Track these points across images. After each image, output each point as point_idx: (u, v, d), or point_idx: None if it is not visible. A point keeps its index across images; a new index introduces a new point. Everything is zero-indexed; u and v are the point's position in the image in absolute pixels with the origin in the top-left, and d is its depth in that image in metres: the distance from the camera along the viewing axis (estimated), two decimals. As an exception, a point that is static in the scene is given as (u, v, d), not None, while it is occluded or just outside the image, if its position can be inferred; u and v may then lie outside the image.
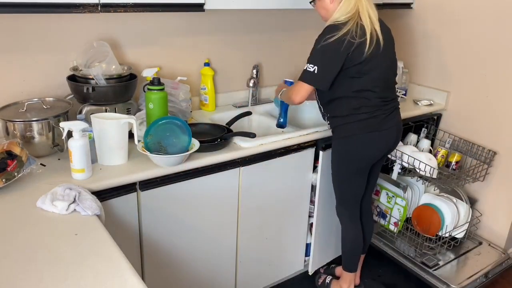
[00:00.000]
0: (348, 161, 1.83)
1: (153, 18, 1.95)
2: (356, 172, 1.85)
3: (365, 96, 1.71)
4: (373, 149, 1.80)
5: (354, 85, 1.69)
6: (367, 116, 1.73)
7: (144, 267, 1.65)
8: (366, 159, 1.82)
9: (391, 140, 1.83)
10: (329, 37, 1.59)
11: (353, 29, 1.60)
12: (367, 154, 1.80)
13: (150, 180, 1.54)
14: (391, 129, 1.80)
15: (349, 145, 1.79)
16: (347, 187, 1.90)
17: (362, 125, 1.74)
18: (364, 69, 1.66)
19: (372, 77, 1.69)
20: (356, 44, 1.60)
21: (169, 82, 1.89)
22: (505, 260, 2.28)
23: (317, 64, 1.62)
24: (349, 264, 2.06)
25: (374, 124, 1.74)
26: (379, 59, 1.68)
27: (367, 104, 1.72)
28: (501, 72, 2.25)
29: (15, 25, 1.64)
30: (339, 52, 1.60)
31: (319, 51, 1.62)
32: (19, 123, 1.50)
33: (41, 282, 0.96)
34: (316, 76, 1.63)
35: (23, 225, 1.17)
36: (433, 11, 2.50)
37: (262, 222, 1.98)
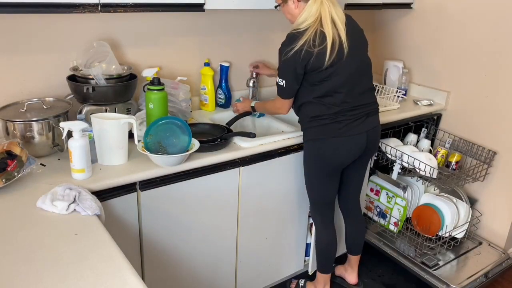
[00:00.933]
0: (314, 165, 1.83)
1: (153, 18, 1.95)
2: (324, 176, 1.84)
3: (327, 102, 1.70)
4: (338, 154, 1.77)
5: (315, 91, 1.70)
6: (329, 121, 1.72)
7: (144, 267, 1.65)
8: (331, 164, 1.80)
9: (360, 146, 1.79)
10: (288, 50, 1.62)
11: (311, 38, 1.60)
12: (331, 159, 1.78)
13: (150, 180, 1.54)
14: (360, 136, 1.76)
15: (314, 149, 1.79)
16: (316, 190, 1.90)
17: (325, 130, 1.73)
18: (324, 76, 1.65)
19: (333, 83, 1.67)
20: (314, 53, 1.60)
21: (169, 82, 1.89)
22: (505, 260, 2.28)
23: (284, 78, 1.70)
24: (322, 265, 2.06)
25: (337, 130, 1.72)
26: (342, 65, 1.66)
27: (329, 109, 1.71)
28: (501, 72, 2.25)
29: (15, 25, 1.64)
30: (298, 64, 1.63)
31: (283, 65, 1.68)
32: (19, 123, 1.50)
33: (41, 282, 0.96)
34: (285, 89, 1.72)
35: (23, 225, 1.17)
36: (433, 11, 2.50)
37: (262, 222, 1.98)
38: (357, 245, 2.16)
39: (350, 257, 2.20)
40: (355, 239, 2.14)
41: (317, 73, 1.65)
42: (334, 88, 1.68)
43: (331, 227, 1.99)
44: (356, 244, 2.15)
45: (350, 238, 2.15)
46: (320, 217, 1.96)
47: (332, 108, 1.70)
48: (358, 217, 2.12)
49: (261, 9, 2.20)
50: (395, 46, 2.74)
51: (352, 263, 2.20)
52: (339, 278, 2.27)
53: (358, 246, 2.16)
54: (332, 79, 1.66)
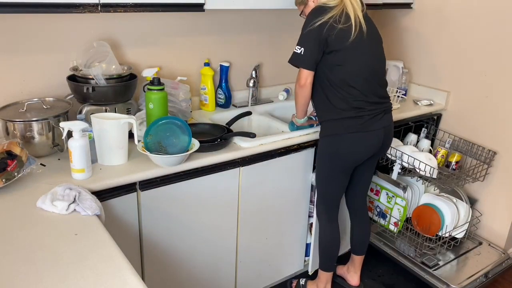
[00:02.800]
0: (330, 161, 1.82)
1: (153, 18, 1.95)
2: (338, 172, 1.84)
3: (349, 92, 1.70)
4: (357, 150, 1.77)
5: (334, 75, 1.69)
6: (351, 115, 1.71)
7: (144, 267, 1.65)
8: (348, 160, 1.80)
9: (377, 143, 1.79)
10: (315, 21, 1.64)
11: (337, 15, 1.65)
12: (349, 155, 1.78)
13: (150, 180, 1.54)
14: (378, 132, 1.77)
15: (333, 144, 1.78)
16: (327, 186, 1.89)
17: (346, 124, 1.73)
18: (344, 57, 1.67)
19: (353, 69, 1.68)
20: (338, 28, 1.64)
21: (169, 82, 1.89)
22: (505, 260, 2.28)
23: (303, 46, 1.68)
24: (324, 263, 2.05)
25: (358, 125, 1.72)
26: (361, 51, 1.69)
27: (352, 103, 1.70)
28: (501, 72, 2.25)
29: (15, 25, 1.64)
30: (321, 34, 1.64)
31: (305, 34, 1.68)
32: (19, 123, 1.50)
33: (41, 282, 0.96)
34: (302, 57, 1.69)
35: (23, 225, 1.17)
36: (433, 11, 2.50)
37: (262, 222, 1.98)
38: (363, 245, 2.15)
39: (354, 257, 2.19)
40: (361, 239, 2.14)
41: (337, 51, 1.66)
42: (354, 75, 1.68)
43: (335, 224, 1.98)
44: (362, 244, 2.15)
45: (356, 238, 2.14)
46: (325, 213, 1.96)
47: (355, 100, 1.70)
48: (365, 217, 2.12)
49: (261, 9, 2.20)
50: (395, 46, 2.74)
51: (355, 264, 2.20)
52: (340, 278, 2.26)
53: (364, 246, 2.16)
54: (352, 63, 1.68)
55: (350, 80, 1.69)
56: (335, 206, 1.95)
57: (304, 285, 2.19)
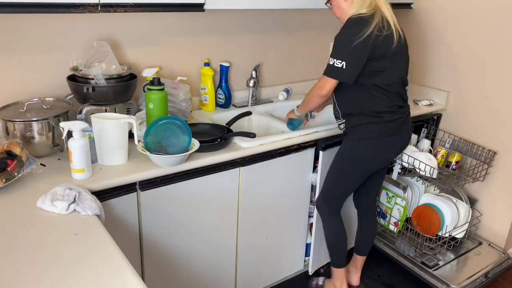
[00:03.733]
0: (357, 164, 1.81)
1: (153, 18, 1.95)
2: (358, 176, 1.84)
3: (386, 95, 1.70)
4: (388, 153, 1.79)
5: (375, 80, 1.67)
6: (388, 118, 1.71)
7: (144, 267, 1.65)
8: (376, 164, 1.81)
9: (403, 145, 1.84)
10: (360, 35, 1.59)
11: (379, 22, 1.62)
12: (380, 158, 1.79)
13: (150, 180, 1.54)
14: (406, 134, 1.80)
15: (364, 148, 1.77)
16: (340, 186, 1.89)
17: (382, 128, 1.72)
18: (385, 63, 1.66)
19: (392, 74, 1.69)
20: (383, 37, 1.62)
21: (169, 82, 1.89)
22: (505, 260, 2.28)
23: (345, 60, 1.62)
24: (335, 259, 2.04)
25: (393, 128, 1.73)
26: (399, 56, 1.69)
27: (387, 105, 1.71)
28: (501, 72, 2.25)
29: (15, 25, 1.64)
30: (367, 47, 1.60)
31: (348, 47, 1.61)
32: (19, 123, 1.50)
33: (41, 282, 0.96)
34: (344, 72, 1.64)
35: (23, 225, 1.17)
36: (433, 11, 2.50)
37: (262, 222, 1.98)
38: (367, 246, 2.15)
39: (356, 257, 2.19)
40: (367, 240, 2.13)
41: (380, 59, 1.64)
42: (392, 79, 1.69)
43: (339, 218, 1.97)
44: (367, 245, 2.14)
45: (361, 238, 2.14)
46: (328, 210, 1.95)
47: (391, 102, 1.71)
48: (373, 218, 2.13)
49: (261, 9, 2.20)
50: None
51: (357, 264, 2.19)
52: None
53: (368, 247, 2.15)
54: (391, 69, 1.67)
55: (388, 85, 1.69)
56: (339, 203, 1.95)
57: (322, 285, 2.18)
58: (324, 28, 2.55)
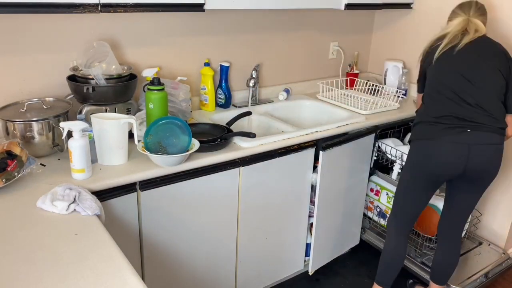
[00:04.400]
0: (406, 167, 1.84)
1: (153, 18, 1.95)
2: (411, 183, 1.80)
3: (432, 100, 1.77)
4: (427, 160, 1.70)
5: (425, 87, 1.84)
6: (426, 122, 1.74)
7: (144, 267, 1.65)
8: (419, 170, 1.75)
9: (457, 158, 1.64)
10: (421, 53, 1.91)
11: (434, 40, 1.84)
12: (420, 164, 1.73)
13: (150, 180, 1.54)
14: (458, 146, 1.63)
15: (413, 150, 1.80)
16: (400, 196, 1.88)
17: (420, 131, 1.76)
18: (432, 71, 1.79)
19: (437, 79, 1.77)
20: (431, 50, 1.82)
21: (169, 82, 1.89)
22: (505, 260, 2.28)
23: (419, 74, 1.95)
24: (381, 276, 1.99)
25: (430, 132, 1.70)
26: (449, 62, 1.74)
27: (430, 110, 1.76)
28: (501, 72, 2.25)
29: (15, 25, 1.64)
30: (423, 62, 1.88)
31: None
32: (19, 123, 1.50)
33: (41, 282, 0.96)
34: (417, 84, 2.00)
35: (23, 225, 1.17)
36: (433, 11, 2.50)
37: (262, 222, 1.98)
38: (444, 276, 2.00)
39: (431, 285, 2.05)
40: (444, 269, 1.98)
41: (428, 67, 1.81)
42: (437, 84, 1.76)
43: (402, 239, 1.92)
44: (443, 274, 2.00)
45: (438, 265, 1.99)
46: (394, 227, 1.92)
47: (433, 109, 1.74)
48: (454, 246, 1.96)
49: (261, 9, 2.20)
50: (395, 46, 2.74)
51: None
52: None
53: (445, 276, 2.00)
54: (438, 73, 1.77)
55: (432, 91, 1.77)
56: (405, 221, 1.89)
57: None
58: (324, 28, 2.55)
